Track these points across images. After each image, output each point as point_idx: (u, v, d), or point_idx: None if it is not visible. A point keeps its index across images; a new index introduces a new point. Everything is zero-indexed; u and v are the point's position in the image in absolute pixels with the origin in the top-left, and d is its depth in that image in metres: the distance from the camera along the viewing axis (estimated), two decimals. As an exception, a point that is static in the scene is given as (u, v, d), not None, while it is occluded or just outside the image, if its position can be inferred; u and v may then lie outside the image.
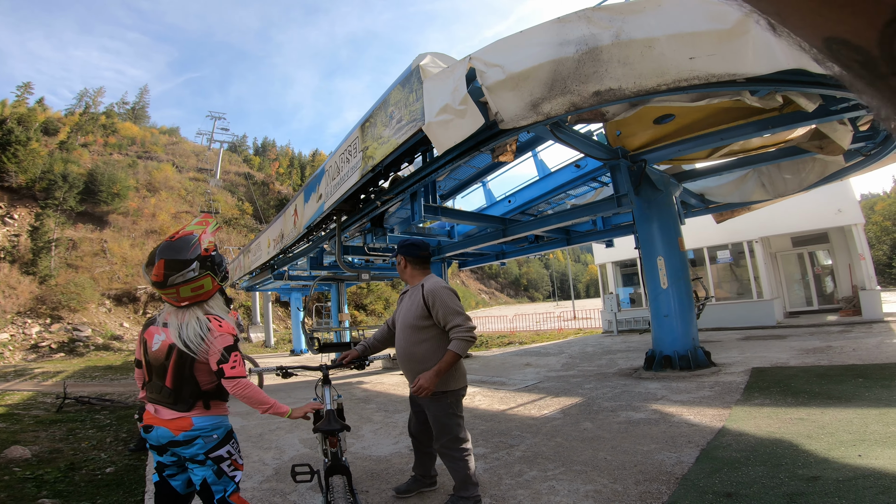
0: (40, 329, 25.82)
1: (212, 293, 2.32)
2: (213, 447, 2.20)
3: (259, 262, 13.75)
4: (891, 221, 49.75)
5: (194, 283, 2.21)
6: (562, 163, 9.35)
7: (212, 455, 2.19)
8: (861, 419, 4.02)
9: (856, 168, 8.04)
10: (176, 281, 2.17)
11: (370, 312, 41.95)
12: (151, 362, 2.22)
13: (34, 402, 9.64)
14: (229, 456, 2.26)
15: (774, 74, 3.88)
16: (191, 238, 2.25)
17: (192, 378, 2.18)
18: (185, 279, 2.18)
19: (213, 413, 2.25)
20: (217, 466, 2.21)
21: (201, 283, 2.24)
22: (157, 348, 2.20)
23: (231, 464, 2.27)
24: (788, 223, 13.96)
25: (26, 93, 46.86)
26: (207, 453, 2.19)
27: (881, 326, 10.56)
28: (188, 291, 2.21)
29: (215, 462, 2.20)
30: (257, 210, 50.42)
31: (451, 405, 2.98)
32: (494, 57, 4.36)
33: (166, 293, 2.22)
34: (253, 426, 6.11)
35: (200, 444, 2.17)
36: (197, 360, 2.16)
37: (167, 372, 2.16)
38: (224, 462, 2.23)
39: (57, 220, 33.50)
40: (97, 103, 58.65)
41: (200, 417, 2.19)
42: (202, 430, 2.18)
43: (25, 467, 4.79)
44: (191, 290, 2.21)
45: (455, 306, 2.92)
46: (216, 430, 2.23)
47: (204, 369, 2.19)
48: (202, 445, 2.18)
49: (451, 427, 2.98)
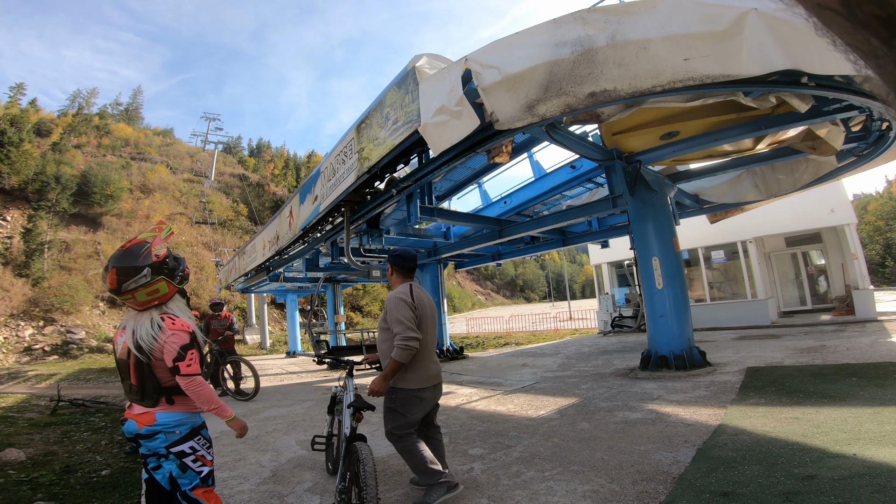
0: (33, 331, 25.64)
1: (169, 296, 2.44)
2: (175, 442, 2.29)
3: (254, 264, 13.71)
4: (883, 221, 50.18)
5: (149, 288, 2.33)
6: (557, 164, 9.39)
7: (173, 450, 2.29)
8: (856, 418, 4.04)
9: (848, 168, 8.10)
10: (129, 287, 2.29)
11: (366, 314, 41.89)
12: (119, 362, 2.37)
13: (28, 404, 9.56)
14: (193, 451, 2.34)
15: (768, 75, 3.91)
16: (142, 245, 2.37)
17: (151, 375, 2.28)
18: (137, 285, 2.29)
19: (176, 409, 2.34)
20: (180, 461, 2.29)
21: (156, 288, 2.35)
22: (120, 350, 2.34)
23: (196, 459, 2.34)
24: (782, 223, 14.05)
25: (19, 94, 46.50)
26: (169, 448, 2.28)
27: (875, 325, 10.63)
28: (144, 296, 2.33)
29: (178, 457, 2.29)
30: (252, 212, 50.25)
31: (395, 401, 3.20)
32: (490, 58, 4.37)
33: (124, 299, 2.34)
34: (250, 428, 6.09)
35: (162, 438, 2.27)
36: (153, 358, 2.26)
37: (130, 370, 2.29)
38: (187, 457, 2.31)
39: (50, 222, 33.30)
40: (90, 104, 58.30)
41: (164, 413, 2.30)
42: (164, 426, 2.28)
43: (20, 470, 4.75)
44: (146, 294, 2.33)
45: (399, 316, 3.12)
46: (180, 426, 2.32)
47: (162, 367, 2.29)
48: (164, 440, 2.27)
49: (391, 419, 3.22)
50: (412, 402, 3.20)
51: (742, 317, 13.91)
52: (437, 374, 3.36)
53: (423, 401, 3.25)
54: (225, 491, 3.77)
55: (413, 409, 3.20)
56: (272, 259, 12.46)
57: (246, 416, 7.01)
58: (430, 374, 3.28)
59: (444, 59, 5.42)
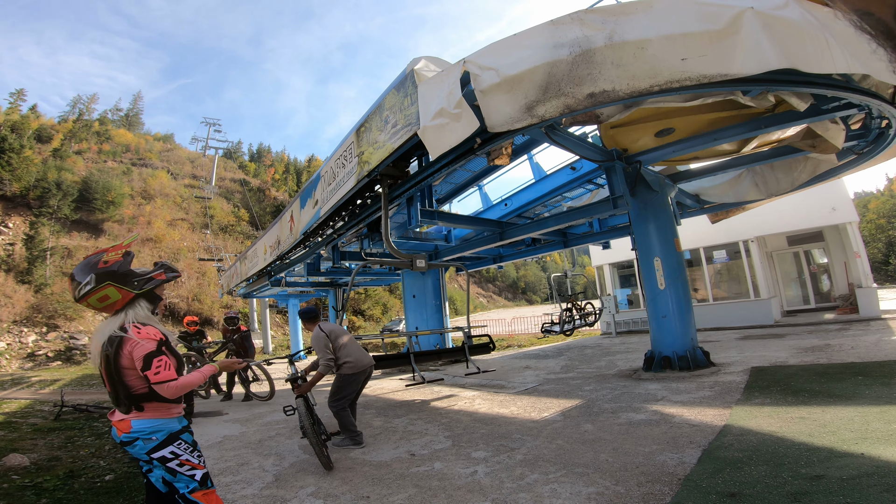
0: (37, 338, 25.67)
1: (125, 301, 2.43)
2: (154, 448, 2.32)
3: (256, 269, 13.71)
4: (885, 219, 50.04)
5: (97, 294, 2.35)
6: (557, 165, 9.36)
7: (154, 456, 2.32)
8: (862, 417, 4.02)
9: (848, 166, 8.08)
10: (79, 294, 2.33)
11: (368, 318, 41.85)
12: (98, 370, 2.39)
13: (32, 410, 9.55)
14: (175, 456, 2.36)
15: (765, 74, 3.90)
16: (95, 256, 2.41)
17: (122, 383, 2.31)
18: (83, 292, 2.33)
19: (148, 416, 2.35)
20: (164, 466, 2.33)
21: (105, 294, 2.36)
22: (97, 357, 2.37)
23: (181, 463, 2.37)
24: (783, 222, 14.03)
25: (19, 100, 46.61)
26: (149, 454, 2.31)
27: (879, 324, 10.59)
28: (96, 302, 2.37)
29: (161, 462, 2.33)
30: (253, 217, 50.30)
31: (336, 382, 5.01)
32: (489, 60, 4.37)
33: (84, 306, 2.40)
34: (252, 432, 6.08)
35: (140, 445, 2.31)
36: (122, 366, 2.29)
37: (104, 378, 2.34)
38: (170, 462, 2.34)
39: (52, 229, 33.36)
40: (91, 110, 58.27)
41: (138, 420, 2.33)
42: (140, 433, 2.31)
43: (24, 475, 4.74)
44: (97, 300, 2.36)
45: (317, 349, 4.87)
46: (156, 433, 2.34)
47: (133, 374, 2.31)
48: (142, 447, 2.31)
49: (331, 393, 5.00)
50: (344, 385, 4.96)
51: (745, 316, 13.87)
52: (368, 363, 5.10)
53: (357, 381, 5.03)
54: (228, 495, 3.76)
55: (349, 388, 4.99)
56: (273, 264, 12.46)
57: (249, 420, 7.00)
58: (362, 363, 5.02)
59: (443, 61, 5.42)
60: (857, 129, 6.94)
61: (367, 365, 5.07)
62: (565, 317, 13.08)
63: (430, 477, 3.80)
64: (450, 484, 3.59)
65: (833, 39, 3.85)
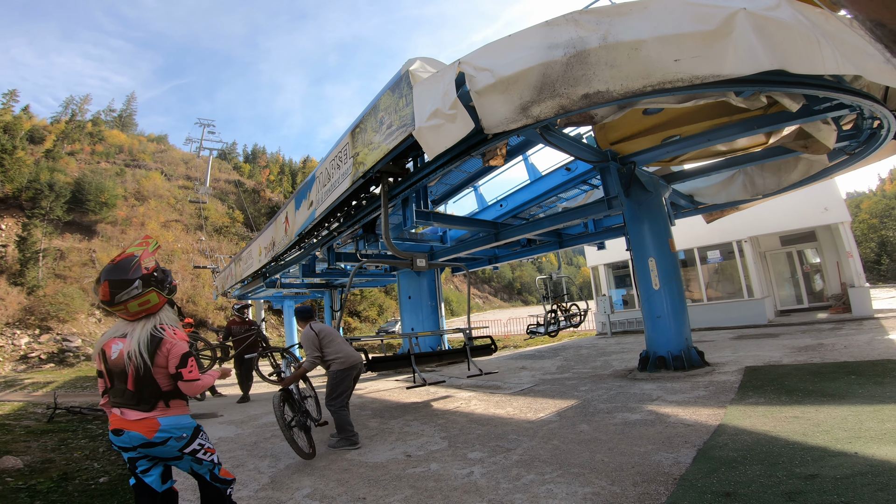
0: (29, 340, 25.47)
1: (160, 306, 2.61)
2: (186, 443, 2.51)
3: (251, 271, 13.64)
4: (877, 219, 50.44)
5: (140, 299, 2.50)
6: (552, 166, 9.38)
7: (186, 451, 2.50)
8: (856, 416, 4.04)
9: (840, 167, 8.14)
10: (122, 298, 2.45)
11: (364, 319, 41.77)
12: (112, 369, 2.48)
13: (24, 412, 9.47)
14: (201, 447, 2.58)
15: (757, 75, 3.93)
16: (132, 259, 2.54)
17: (151, 380, 2.44)
18: (129, 296, 2.46)
19: (174, 413, 2.52)
20: (193, 457, 2.53)
21: (147, 299, 2.53)
22: (115, 357, 2.46)
23: (206, 451, 2.59)
24: (776, 222, 14.11)
25: (11, 100, 46.25)
26: (182, 450, 2.49)
27: (871, 323, 10.67)
28: (136, 307, 2.50)
29: (191, 455, 2.52)
30: (248, 218, 50.10)
31: (329, 381, 5.12)
32: (484, 61, 4.37)
33: (116, 310, 2.50)
34: (247, 434, 6.05)
35: (174, 444, 2.46)
36: (154, 364, 2.44)
37: (128, 376, 2.42)
38: (198, 452, 2.55)
39: (44, 230, 33.12)
40: (83, 111, 58.05)
41: (165, 417, 2.46)
42: (170, 432, 2.45)
43: (18, 477, 4.70)
44: (138, 305, 2.50)
45: (305, 346, 5.08)
46: (184, 430, 2.51)
47: (162, 373, 2.47)
48: (175, 445, 2.47)
49: (327, 393, 5.07)
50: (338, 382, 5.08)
51: (739, 316, 13.94)
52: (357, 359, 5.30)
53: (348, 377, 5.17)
54: (223, 499, 3.73)
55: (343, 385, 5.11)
56: (268, 265, 12.41)
57: (244, 422, 6.97)
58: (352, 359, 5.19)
59: (438, 62, 5.42)
60: (848, 129, 6.99)
61: (357, 360, 5.27)
62: (550, 318, 13.52)
63: (426, 478, 3.79)
64: (446, 485, 3.58)
65: (825, 40, 3.88)
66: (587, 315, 14.96)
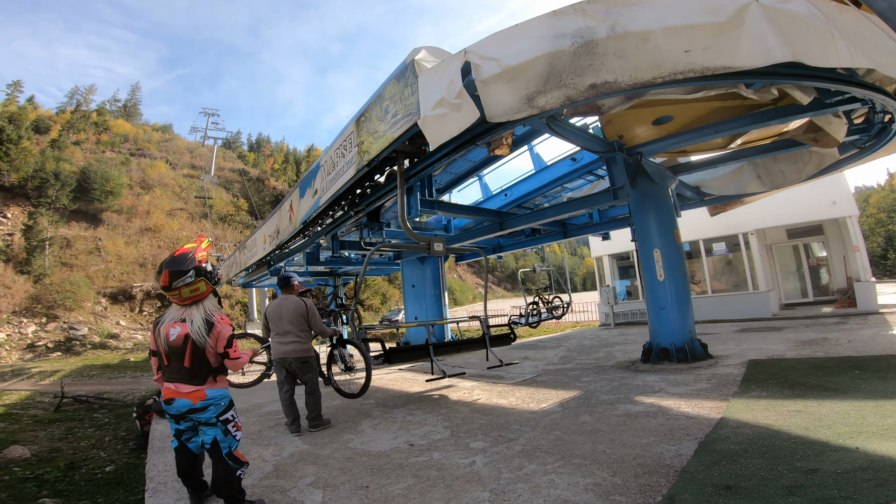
0: (36, 328, 25.72)
1: (206, 294, 3.13)
2: (222, 412, 3.04)
3: (255, 259, 13.69)
4: (885, 213, 50.03)
5: (192, 287, 3.03)
6: (558, 156, 9.33)
7: (221, 418, 3.03)
8: (858, 411, 4.04)
9: (850, 160, 8.06)
10: (178, 285, 2.98)
11: (367, 307, 41.95)
12: (170, 350, 2.98)
13: (32, 401, 9.59)
14: (233, 419, 3.11)
15: (769, 67, 3.87)
16: (188, 253, 3.09)
17: (205, 359, 3.01)
18: (184, 283, 2.99)
19: (219, 386, 3.10)
20: (224, 427, 3.03)
21: (198, 287, 3.06)
22: (174, 338, 2.98)
23: (234, 425, 3.11)
24: (783, 215, 14.02)
25: (16, 91, 46.33)
26: (218, 416, 3.02)
27: (876, 318, 10.63)
28: (188, 293, 3.03)
29: (224, 423, 3.04)
30: (252, 206, 50.18)
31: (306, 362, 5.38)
32: (490, 50, 4.33)
33: (171, 294, 3.03)
34: (251, 423, 6.10)
35: (213, 409, 3.00)
36: (207, 345, 2.98)
37: (185, 356, 2.95)
38: (230, 423, 3.07)
39: (50, 219, 33.33)
40: (88, 101, 57.97)
41: (212, 389, 3.03)
42: (213, 400, 3.01)
43: (25, 467, 4.77)
44: (190, 291, 3.03)
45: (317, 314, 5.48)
46: (223, 399, 3.08)
47: (211, 352, 3.03)
48: (214, 411, 3.01)
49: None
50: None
51: (743, 309, 13.91)
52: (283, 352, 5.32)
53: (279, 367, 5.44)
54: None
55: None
56: (273, 253, 12.44)
57: (248, 410, 7.03)
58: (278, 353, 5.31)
59: (443, 52, 5.37)
60: (860, 123, 6.91)
61: (283, 353, 5.32)
62: (531, 310, 14.10)
63: (428, 467, 3.82)
64: (448, 474, 3.61)
65: (838, 33, 3.81)
66: (570, 307, 15.20)
